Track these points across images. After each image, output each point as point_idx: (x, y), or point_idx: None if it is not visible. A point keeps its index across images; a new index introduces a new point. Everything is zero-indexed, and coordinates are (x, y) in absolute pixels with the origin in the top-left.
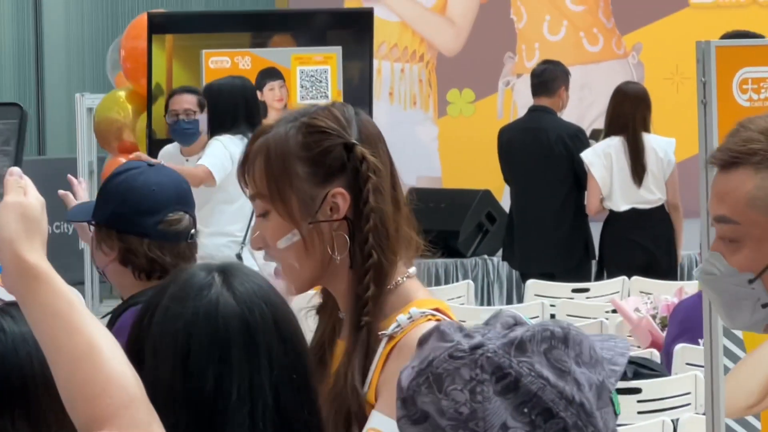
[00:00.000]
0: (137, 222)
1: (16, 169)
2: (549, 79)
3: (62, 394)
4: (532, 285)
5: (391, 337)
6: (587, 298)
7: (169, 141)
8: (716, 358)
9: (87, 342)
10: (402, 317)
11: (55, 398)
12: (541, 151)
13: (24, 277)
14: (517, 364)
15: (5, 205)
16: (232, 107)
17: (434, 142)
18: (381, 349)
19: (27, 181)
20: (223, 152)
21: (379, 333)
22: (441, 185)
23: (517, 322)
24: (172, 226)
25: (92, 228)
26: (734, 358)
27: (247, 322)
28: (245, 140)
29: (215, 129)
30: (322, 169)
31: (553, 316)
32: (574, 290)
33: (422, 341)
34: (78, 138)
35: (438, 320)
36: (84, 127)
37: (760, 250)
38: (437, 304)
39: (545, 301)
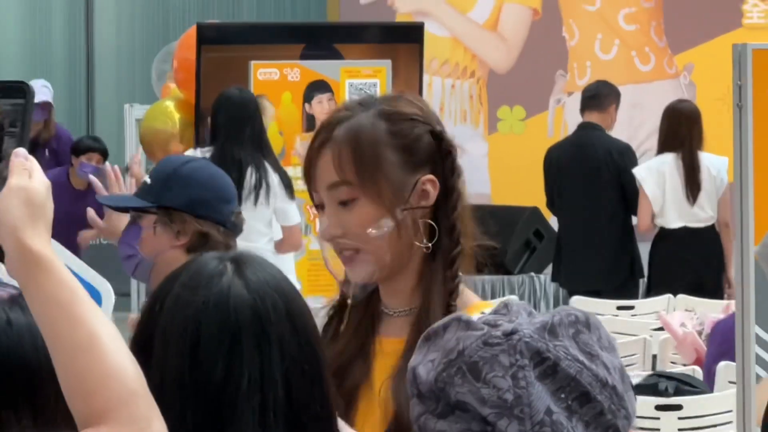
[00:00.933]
0: (218, 209)
1: (21, 151)
2: (602, 94)
3: (62, 386)
4: (577, 301)
5: None
6: (632, 315)
7: None
8: (748, 367)
9: (88, 333)
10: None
11: (61, 393)
12: (589, 168)
13: (27, 265)
14: (554, 348)
15: (9, 190)
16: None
17: (484, 158)
18: None
19: (33, 163)
20: None
21: None
22: (490, 201)
23: (531, 311)
24: (238, 217)
25: (152, 212)
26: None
27: (259, 312)
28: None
29: (220, 138)
30: (414, 156)
31: None
32: (619, 307)
33: (433, 334)
34: (126, 149)
35: None
36: (133, 137)
37: None
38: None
39: None
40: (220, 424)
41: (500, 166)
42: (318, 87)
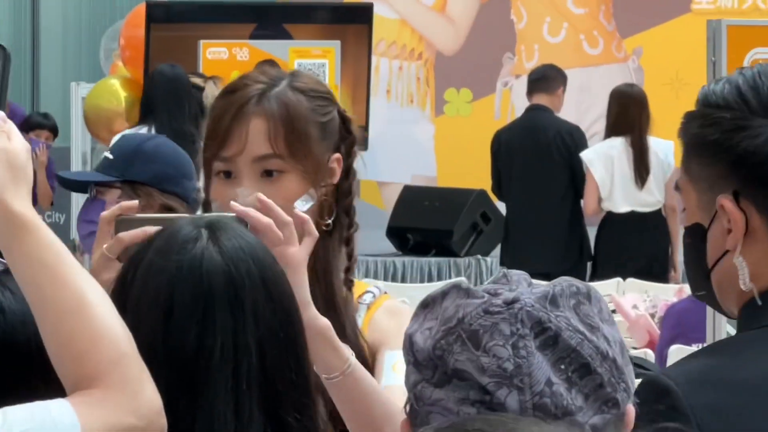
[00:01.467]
0: (183, 185)
1: (1, 114)
2: (549, 77)
3: (50, 352)
4: None
5: (368, 306)
6: None
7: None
8: None
9: (75, 295)
10: (373, 288)
11: (54, 385)
12: (539, 150)
13: (9, 226)
14: (555, 318)
15: None
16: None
17: (430, 141)
18: (363, 315)
19: (11, 126)
20: None
21: (358, 300)
22: (436, 184)
23: (531, 281)
24: (197, 194)
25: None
26: None
27: (233, 279)
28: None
29: (160, 114)
30: (328, 134)
31: None
32: None
33: (432, 301)
34: (72, 127)
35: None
36: (79, 116)
37: None
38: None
39: None
40: (192, 392)
41: (447, 149)
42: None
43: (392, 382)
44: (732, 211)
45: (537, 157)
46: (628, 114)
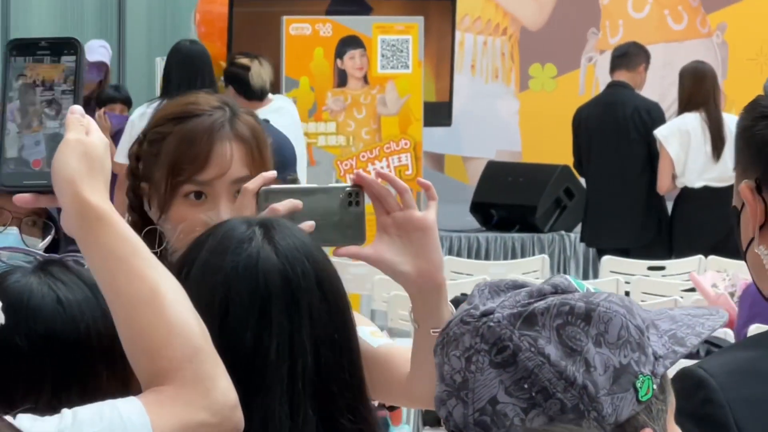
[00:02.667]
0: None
1: (77, 107)
2: (631, 53)
3: (124, 345)
4: (608, 261)
5: None
6: (663, 276)
7: None
8: None
9: (149, 288)
10: None
11: (115, 375)
12: (618, 126)
13: (85, 219)
14: (519, 337)
15: (66, 143)
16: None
17: (515, 116)
18: None
19: (89, 121)
20: None
21: None
22: (521, 159)
23: (558, 291)
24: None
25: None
26: None
27: (289, 279)
28: None
29: (173, 90)
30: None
31: (627, 293)
32: (650, 268)
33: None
34: None
35: None
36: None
37: None
38: None
39: (620, 278)
40: (247, 392)
41: (531, 124)
42: (350, 43)
43: (382, 342)
44: (749, 200)
45: (615, 133)
46: (702, 88)
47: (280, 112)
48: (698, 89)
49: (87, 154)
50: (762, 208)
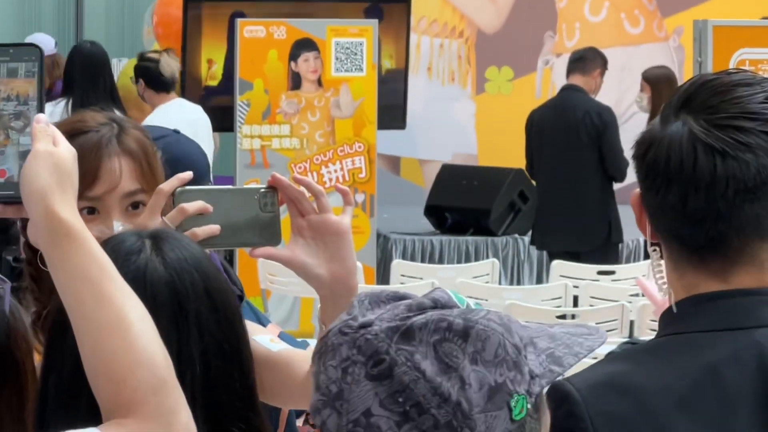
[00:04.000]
0: None
1: (42, 116)
2: (587, 58)
3: (86, 370)
4: (558, 266)
5: None
6: (613, 280)
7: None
8: None
9: (117, 314)
10: None
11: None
12: (568, 129)
13: (55, 234)
14: (395, 351)
15: (36, 155)
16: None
17: (471, 119)
18: None
19: (54, 131)
20: None
21: None
22: (477, 162)
23: (437, 306)
24: None
25: None
26: None
27: (177, 290)
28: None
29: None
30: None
31: (576, 297)
32: (600, 272)
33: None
34: None
35: None
36: None
37: None
38: None
39: (569, 282)
40: None
41: (488, 127)
42: (304, 45)
43: (282, 347)
44: (636, 208)
45: (566, 136)
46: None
47: (197, 125)
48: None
49: (57, 166)
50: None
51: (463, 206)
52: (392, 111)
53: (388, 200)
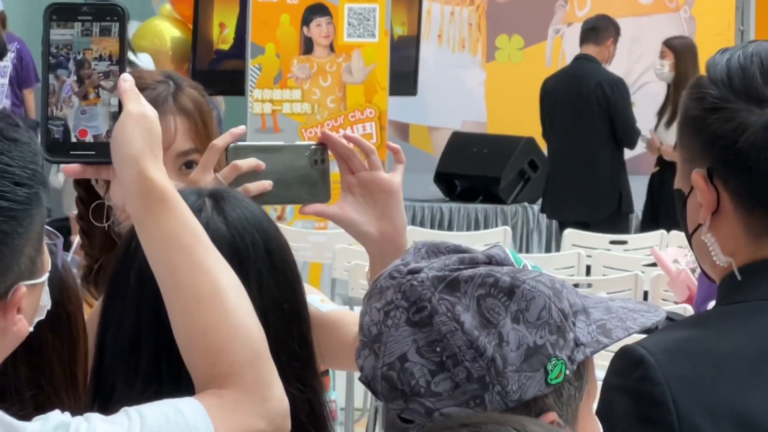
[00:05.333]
0: None
1: (128, 76)
2: (600, 27)
3: (179, 340)
4: (570, 234)
5: None
6: (625, 250)
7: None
8: None
9: (212, 283)
10: None
11: (61, 337)
12: (580, 99)
13: (148, 199)
14: (438, 300)
15: (129, 116)
16: None
17: (481, 87)
18: None
19: (138, 91)
20: None
21: None
22: (486, 130)
23: (491, 262)
24: None
25: None
26: None
27: (238, 249)
28: None
29: None
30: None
31: (588, 267)
32: (612, 242)
33: None
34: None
35: None
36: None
37: None
38: None
39: (582, 251)
40: None
41: (497, 95)
42: (317, 10)
43: (332, 307)
44: (703, 189)
45: (578, 106)
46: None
47: None
48: (696, 68)
49: (150, 130)
50: (715, 197)
51: (472, 174)
52: (403, 78)
53: None
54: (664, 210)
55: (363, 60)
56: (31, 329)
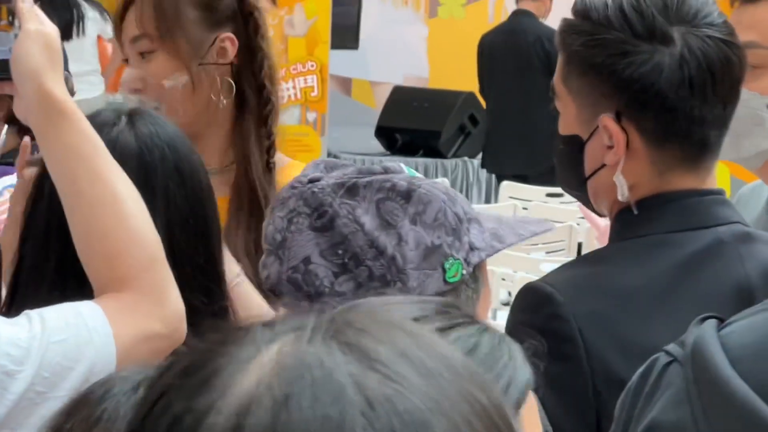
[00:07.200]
0: None
1: None
2: None
3: (79, 247)
4: (507, 186)
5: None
6: (561, 203)
7: None
8: None
9: (110, 192)
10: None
11: None
12: (519, 54)
13: (48, 112)
14: (339, 204)
15: (27, 34)
16: None
17: (423, 42)
18: None
19: (38, 10)
20: None
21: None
22: (428, 86)
23: (387, 172)
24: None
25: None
26: None
27: (145, 162)
28: None
29: None
30: (214, 14)
31: None
32: (549, 194)
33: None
34: None
35: None
36: None
37: None
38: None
39: (518, 203)
40: None
41: (439, 51)
42: None
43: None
44: (615, 131)
45: (516, 61)
46: None
47: None
48: None
49: (49, 45)
50: (626, 138)
51: (413, 128)
52: (345, 31)
53: (339, 121)
54: None
55: (305, 13)
56: None
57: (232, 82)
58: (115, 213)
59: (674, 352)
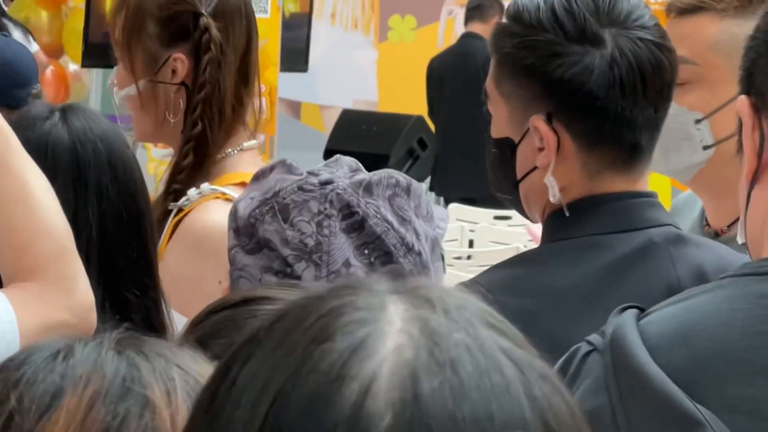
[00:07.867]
0: (12, 94)
1: None
2: (484, 5)
3: None
4: (455, 209)
5: (180, 210)
6: (508, 225)
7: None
8: None
9: (21, 185)
10: (192, 191)
11: None
12: (468, 76)
13: None
14: (365, 204)
15: None
16: None
17: (373, 66)
18: (169, 222)
19: None
20: None
21: (169, 204)
22: (377, 110)
23: (358, 168)
24: (37, 98)
25: None
26: None
27: (78, 156)
28: None
29: None
30: (169, 31)
31: (471, 241)
32: (496, 217)
33: (261, 174)
34: None
35: (228, 199)
36: None
37: (713, 93)
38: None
39: (465, 225)
40: None
41: (389, 75)
42: None
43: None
44: (546, 133)
45: (465, 83)
46: None
47: None
48: None
49: None
50: (557, 139)
51: (362, 151)
52: (295, 54)
53: (288, 144)
54: None
55: None
56: None
57: (181, 102)
58: (24, 205)
59: (594, 342)
